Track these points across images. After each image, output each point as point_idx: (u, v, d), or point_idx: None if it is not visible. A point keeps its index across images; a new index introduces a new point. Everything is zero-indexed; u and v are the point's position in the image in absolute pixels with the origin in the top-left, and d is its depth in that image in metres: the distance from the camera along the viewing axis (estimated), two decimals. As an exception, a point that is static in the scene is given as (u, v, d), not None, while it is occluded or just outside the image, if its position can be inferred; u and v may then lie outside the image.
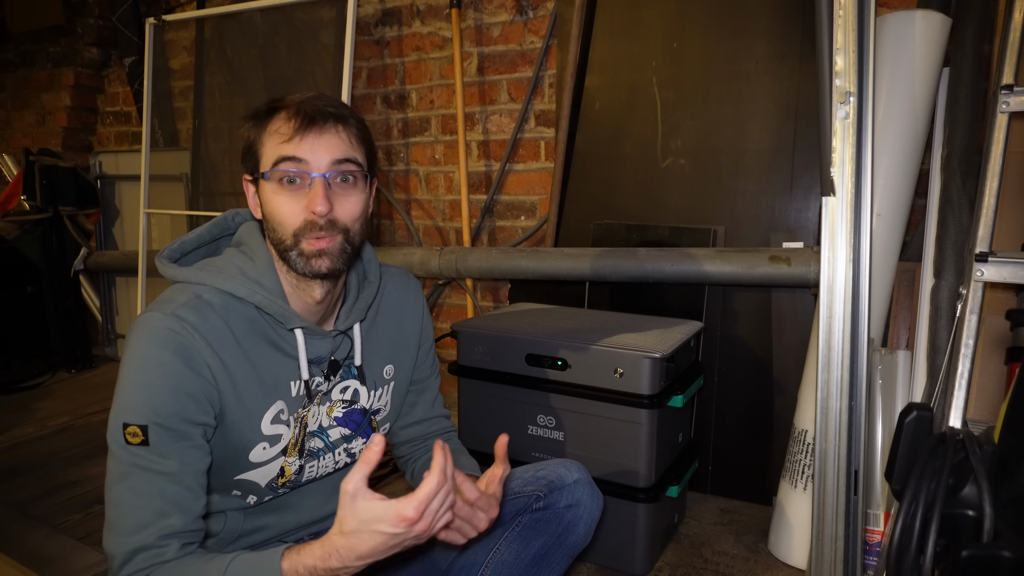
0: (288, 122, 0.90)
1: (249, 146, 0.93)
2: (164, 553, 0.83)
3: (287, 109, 0.91)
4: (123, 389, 0.85)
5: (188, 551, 0.86)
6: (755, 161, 1.95)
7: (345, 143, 0.92)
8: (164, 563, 0.83)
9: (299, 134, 0.89)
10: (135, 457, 0.84)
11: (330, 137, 0.90)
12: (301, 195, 0.90)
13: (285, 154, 0.89)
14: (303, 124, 0.89)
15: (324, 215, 0.89)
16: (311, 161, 0.89)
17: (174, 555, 0.84)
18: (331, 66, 2.51)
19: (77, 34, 3.46)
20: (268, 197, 0.92)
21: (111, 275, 3.44)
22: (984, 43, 1.55)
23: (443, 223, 2.70)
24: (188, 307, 0.88)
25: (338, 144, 0.91)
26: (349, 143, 0.92)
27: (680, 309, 1.95)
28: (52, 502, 1.95)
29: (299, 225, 0.90)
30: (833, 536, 1.23)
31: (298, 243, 0.91)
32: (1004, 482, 0.86)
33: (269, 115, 0.92)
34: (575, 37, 2.13)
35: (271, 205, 0.92)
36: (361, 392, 1.08)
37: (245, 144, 0.94)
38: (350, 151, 0.92)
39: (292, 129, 0.89)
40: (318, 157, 0.89)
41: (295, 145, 0.89)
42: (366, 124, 0.97)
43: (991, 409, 1.36)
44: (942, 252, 1.50)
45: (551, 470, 1.14)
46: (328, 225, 0.90)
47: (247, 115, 0.94)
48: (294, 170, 0.89)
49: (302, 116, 0.89)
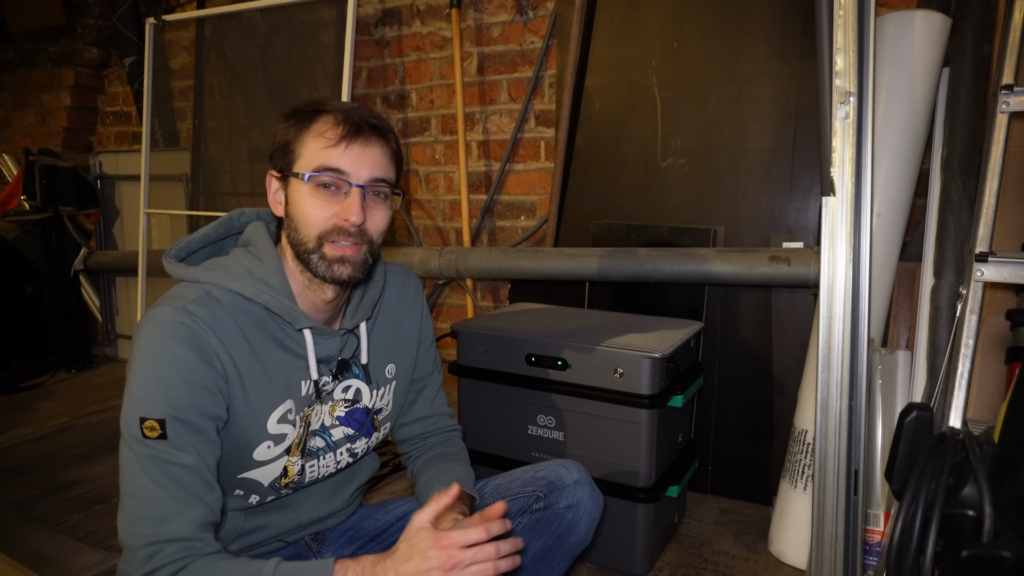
0: (335, 127, 0.91)
1: (286, 143, 0.94)
2: (201, 547, 0.84)
3: (333, 114, 0.92)
4: (136, 383, 0.85)
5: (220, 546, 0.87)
6: (755, 161, 1.95)
7: (385, 160, 0.94)
8: (204, 556, 0.83)
9: (345, 142, 0.91)
10: (153, 450, 0.84)
11: (374, 151, 0.93)
12: (335, 201, 0.92)
13: (329, 162, 0.91)
14: (350, 132, 0.91)
15: (358, 225, 0.91)
16: (352, 172, 0.91)
17: (211, 548, 0.85)
18: (331, 66, 2.51)
19: (77, 34, 3.46)
20: (299, 196, 0.93)
21: (111, 275, 3.44)
22: (984, 43, 1.55)
23: (443, 223, 2.70)
24: (198, 303, 0.89)
25: (379, 160, 0.93)
26: (388, 161, 0.95)
27: (680, 309, 1.95)
28: (52, 502, 1.95)
29: (326, 228, 0.92)
30: (833, 536, 1.23)
31: (321, 246, 0.92)
32: (1004, 482, 0.86)
33: (313, 116, 0.93)
34: (575, 37, 2.13)
35: (301, 204, 0.92)
36: (364, 391, 1.08)
37: (281, 141, 0.94)
38: (388, 170, 0.95)
39: (338, 135, 0.91)
40: (359, 168, 0.91)
41: (340, 153, 0.91)
42: (399, 139, 1.00)
43: (991, 409, 1.36)
44: (942, 252, 1.50)
45: (551, 470, 1.14)
46: (358, 234, 0.92)
47: (288, 114, 0.95)
48: (335, 178, 0.91)
49: (349, 124, 0.91)
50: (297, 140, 0.93)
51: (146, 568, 0.82)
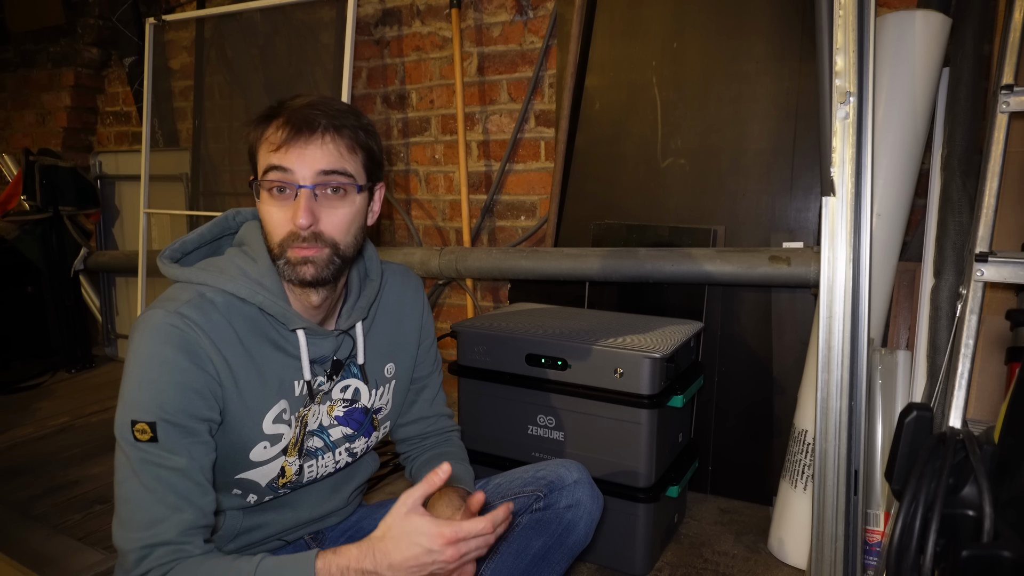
0: (278, 131, 0.89)
1: (251, 152, 0.94)
2: (188, 549, 0.84)
3: (280, 117, 0.90)
4: (129, 386, 0.86)
5: (209, 548, 0.87)
6: (755, 161, 1.95)
7: (332, 154, 0.90)
8: (189, 558, 0.83)
9: (286, 144, 0.88)
10: (144, 453, 0.84)
11: (315, 148, 0.89)
12: (288, 205, 0.90)
13: (272, 163, 0.89)
14: (291, 134, 0.88)
15: (306, 228, 0.89)
16: (296, 171, 0.89)
17: (198, 551, 0.85)
18: (331, 66, 2.51)
19: (77, 34, 3.45)
20: (260, 204, 0.93)
21: (111, 275, 3.44)
22: (984, 43, 1.55)
23: (443, 223, 2.70)
24: (191, 305, 0.88)
25: (323, 155, 0.89)
26: (338, 153, 0.90)
27: (680, 309, 1.95)
28: (52, 502, 1.95)
29: (284, 235, 0.90)
30: (833, 536, 1.23)
31: (284, 251, 0.91)
32: (1004, 482, 0.86)
33: (266, 121, 0.92)
34: (575, 37, 2.13)
35: (262, 213, 0.93)
36: (362, 391, 1.08)
37: (249, 150, 0.95)
38: (338, 162, 0.90)
39: (280, 138, 0.89)
40: (303, 168, 0.88)
41: (281, 155, 0.89)
42: (369, 130, 0.95)
43: (991, 409, 1.36)
44: (942, 252, 1.50)
45: (551, 470, 1.14)
46: (312, 237, 0.90)
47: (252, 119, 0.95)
48: (280, 180, 0.89)
49: (291, 125, 0.89)
50: (255, 146, 0.93)
51: (136, 572, 0.82)
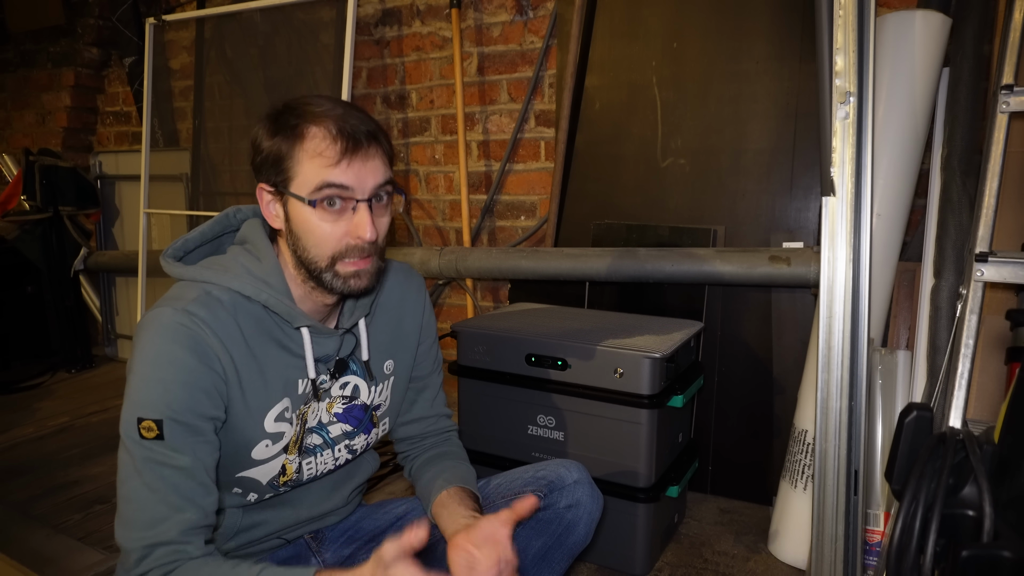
0: (332, 143, 0.86)
1: (277, 159, 0.89)
2: (188, 550, 0.84)
3: (325, 126, 0.87)
4: (136, 384, 0.85)
5: (210, 549, 0.87)
6: (755, 161, 1.95)
7: (384, 164, 0.91)
8: (190, 560, 0.83)
9: (345, 159, 0.87)
10: (149, 452, 0.84)
11: (374, 161, 0.89)
12: (344, 220, 0.89)
13: (332, 180, 0.86)
14: (348, 148, 0.87)
15: (372, 241, 0.90)
16: (357, 187, 0.88)
17: (199, 552, 0.84)
18: (331, 66, 2.51)
19: (77, 34, 3.46)
20: (304, 218, 0.89)
21: (111, 275, 3.44)
22: (984, 43, 1.55)
23: (443, 223, 2.70)
24: (198, 303, 0.88)
25: (379, 167, 0.90)
26: (386, 164, 0.92)
27: (680, 309, 1.95)
28: (52, 502, 1.95)
29: (340, 249, 0.90)
30: (833, 536, 1.23)
31: (334, 265, 0.90)
32: (1004, 482, 0.86)
33: (303, 130, 0.87)
34: (575, 37, 2.13)
35: (307, 226, 0.89)
36: (361, 387, 1.08)
37: (271, 155, 0.89)
38: (386, 172, 0.92)
39: (338, 153, 0.86)
40: (364, 182, 0.88)
41: (342, 171, 0.87)
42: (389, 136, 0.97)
43: (991, 409, 1.36)
44: (942, 252, 1.50)
45: (551, 470, 1.14)
46: (370, 247, 0.91)
47: (270, 123, 0.90)
48: (341, 196, 0.88)
49: (346, 138, 0.87)
50: (291, 157, 0.88)
51: (137, 571, 0.82)
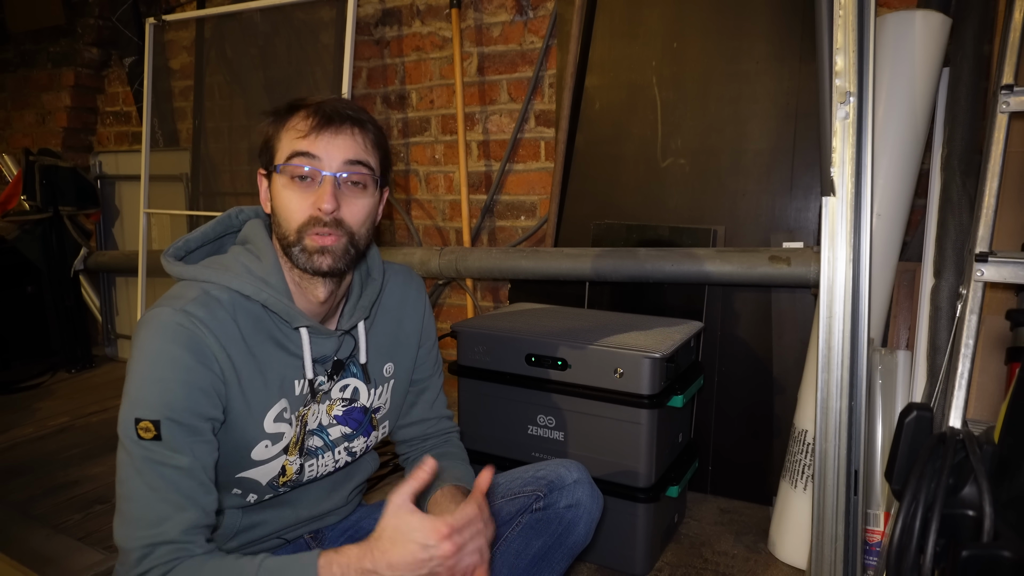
0: (306, 119, 0.92)
1: (267, 141, 0.96)
2: (190, 548, 0.84)
3: (307, 108, 0.94)
4: (134, 384, 0.85)
5: (211, 547, 0.87)
6: (755, 161, 1.95)
7: (359, 145, 0.94)
8: (191, 558, 0.83)
9: (315, 131, 0.91)
10: (148, 452, 0.84)
11: (345, 138, 0.93)
12: (310, 192, 0.92)
13: (299, 149, 0.92)
14: (320, 122, 0.92)
15: (330, 212, 0.91)
16: (324, 159, 0.91)
17: (200, 550, 0.85)
18: (331, 66, 2.51)
19: (77, 34, 3.45)
20: (278, 191, 0.94)
21: (111, 275, 3.44)
22: (984, 43, 1.55)
23: (443, 223, 2.70)
24: (197, 303, 0.89)
25: (352, 145, 0.93)
26: (363, 146, 0.95)
27: (680, 309, 1.95)
28: (52, 502, 1.95)
29: (304, 220, 0.92)
30: (833, 536, 1.23)
31: (301, 238, 0.92)
32: (1004, 482, 0.86)
33: (289, 112, 0.95)
34: (575, 37, 2.13)
35: (280, 198, 0.94)
36: (361, 390, 1.08)
37: (263, 139, 0.97)
38: (363, 154, 0.94)
39: (309, 126, 0.92)
40: (331, 155, 0.92)
41: (310, 142, 0.91)
42: (384, 132, 1.00)
43: (991, 409, 1.36)
44: (942, 252, 1.50)
45: (551, 470, 1.14)
46: (333, 223, 0.92)
47: (268, 112, 0.97)
48: (307, 166, 0.91)
49: (320, 115, 0.92)
50: (275, 136, 0.95)
51: (138, 570, 0.82)
